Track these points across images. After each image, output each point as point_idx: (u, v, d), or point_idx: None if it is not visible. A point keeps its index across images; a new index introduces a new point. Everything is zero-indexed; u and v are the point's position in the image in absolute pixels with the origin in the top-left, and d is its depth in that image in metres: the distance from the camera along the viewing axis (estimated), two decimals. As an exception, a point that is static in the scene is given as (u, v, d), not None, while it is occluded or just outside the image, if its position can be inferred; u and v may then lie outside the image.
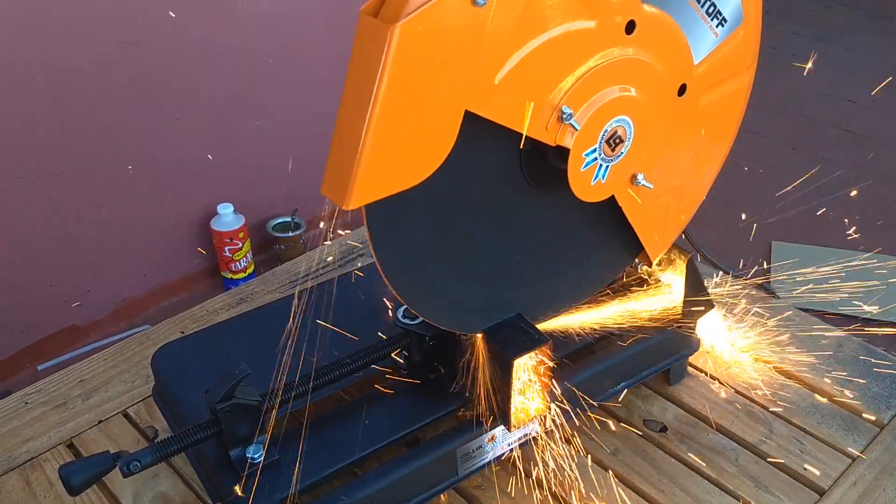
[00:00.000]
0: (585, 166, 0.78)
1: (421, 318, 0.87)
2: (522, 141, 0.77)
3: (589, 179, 0.80)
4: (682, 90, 0.83)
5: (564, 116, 0.73)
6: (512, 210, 0.85)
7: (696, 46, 0.82)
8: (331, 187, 0.68)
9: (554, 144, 0.75)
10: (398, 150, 0.66)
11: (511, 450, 0.97)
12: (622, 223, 0.91)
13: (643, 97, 0.78)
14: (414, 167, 0.68)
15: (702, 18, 0.81)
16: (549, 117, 0.73)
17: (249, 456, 0.85)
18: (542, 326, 0.92)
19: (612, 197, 0.86)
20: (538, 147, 0.76)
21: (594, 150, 0.78)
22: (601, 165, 0.80)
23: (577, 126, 0.74)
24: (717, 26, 0.82)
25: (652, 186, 0.85)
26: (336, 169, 0.67)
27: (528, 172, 0.82)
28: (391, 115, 0.64)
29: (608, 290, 1.03)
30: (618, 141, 0.79)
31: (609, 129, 0.77)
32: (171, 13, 2.20)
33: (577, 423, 1.02)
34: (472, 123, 0.69)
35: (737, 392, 1.11)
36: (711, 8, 0.81)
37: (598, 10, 0.71)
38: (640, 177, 0.84)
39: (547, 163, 0.80)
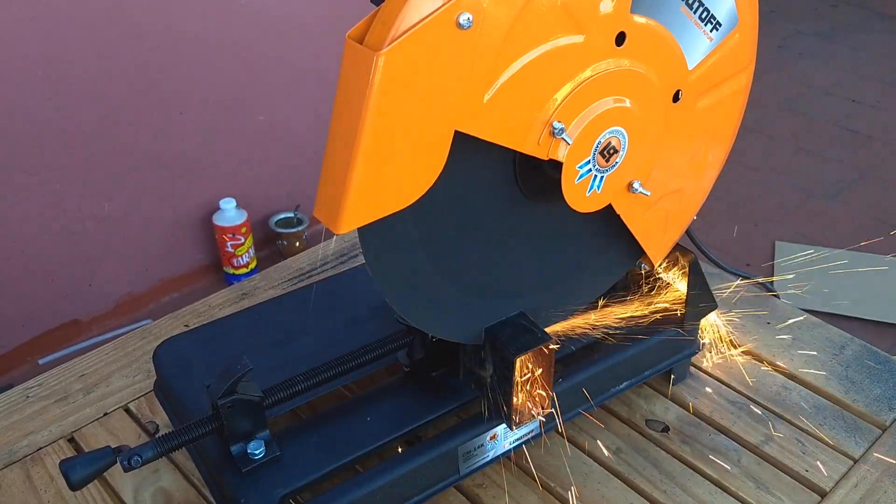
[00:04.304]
0: (580, 178, 0.78)
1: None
2: (515, 157, 0.76)
3: (584, 191, 0.80)
4: (676, 96, 0.83)
5: (556, 131, 0.73)
6: (509, 221, 0.84)
7: (690, 52, 0.81)
8: (323, 211, 0.68)
9: (546, 159, 0.75)
10: (388, 173, 0.66)
11: (513, 448, 0.96)
12: (622, 227, 0.90)
13: (636, 107, 0.78)
14: (405, 189, 0.68)
15: (695, 24, 0.80)
16: (541, 133, 0.73)
17: (250, 452, 0.85)
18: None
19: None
20: (532, 159, 0.76)
21: (588, 162, 0.77)
22: (596, 176, 0.79)
23: (569, 140, 0.74)
24: (710, 31, 0.81)
25: (649, 193, 0.85)
26: (327, 193, 0.67)
27: (524, 184, 0.81)
28: (379, 140, 0.64)
29: (611, 292, 1.02)
30: (612, 151, 0.79)
31: (602, 141, 0.77)
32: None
33: (579, 422, 1.02)
34: (465, 139, 0.68)
35: (739, 393, 1.11)
36: (704, 13, 0.80)
37: (586, 24, 0.70)
38: (636, 184, 0.84)
39: (542, 174, 0.80)
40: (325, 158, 0.67)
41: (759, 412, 1.08)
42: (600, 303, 1.01)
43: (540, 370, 0.87)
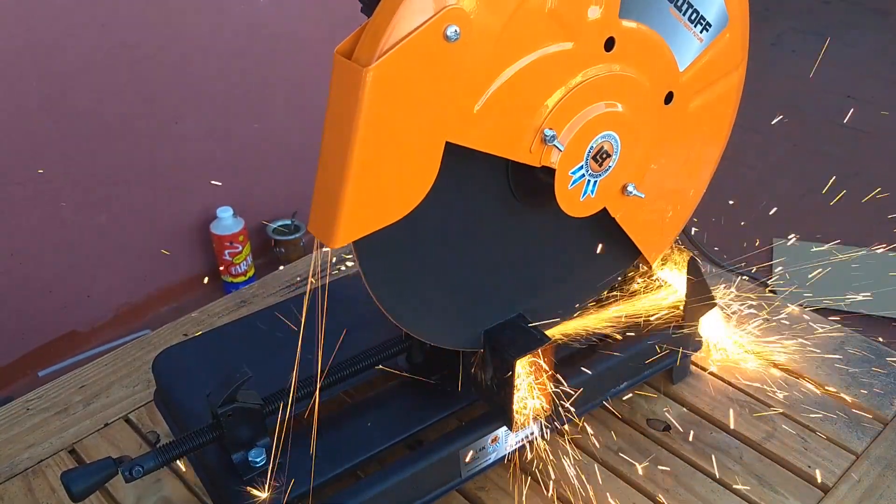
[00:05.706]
0: (573, 184, 0.78)
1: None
2: (508, 164, 0.76)
3: (577, 196, 0.80)
4: (668, 98, 0.83)
5: (547, 138, 0.73)
6: (504, 227, 0.84)
7: (681, 54, 0.81)
8: (317, 226, 0.68)
9: (539, 165, 0.75)
10: (380, 186, 0.66)
11: (514, 450, 0.96)
12: (618, 228, 0.90)
13: (628, 111, 0.78)
14: (398, 201, 0.69)
15: (684, 26, 0.80)
16: (532, 140, 0.73)
17: (252, 459, 0.85)
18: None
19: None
20: (525, 166, 0.76)
21: (581, 168, 0.77)
22: (589, 181, 0.79)
23: (560, 146, 0.73)
24: (700, 32, 0.81)
25: (644, 196, 0.85)
26: (321, 208, 0.67)
27: (517, 190, 0.81)
28: (370, 154, 0.64)
29: (610, 291, 1.02)
30: (605, 156, 0.78)
31: (595, 146, 0.77)
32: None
33: (580, 422, 1.02)
34: (456, 148, 0.68)
35: (740, 390, 1.11)
36: (694, 15, 0.80)
37: (574, 31, 0.70)
38: (630, 187, 0.84)
39: (535, 179, 0.79)
40: (317, 173, 0.67)
41: (760, 409, 1.08)
42: (599, 304, 1.01)
43: (539, 372, 0.87)
